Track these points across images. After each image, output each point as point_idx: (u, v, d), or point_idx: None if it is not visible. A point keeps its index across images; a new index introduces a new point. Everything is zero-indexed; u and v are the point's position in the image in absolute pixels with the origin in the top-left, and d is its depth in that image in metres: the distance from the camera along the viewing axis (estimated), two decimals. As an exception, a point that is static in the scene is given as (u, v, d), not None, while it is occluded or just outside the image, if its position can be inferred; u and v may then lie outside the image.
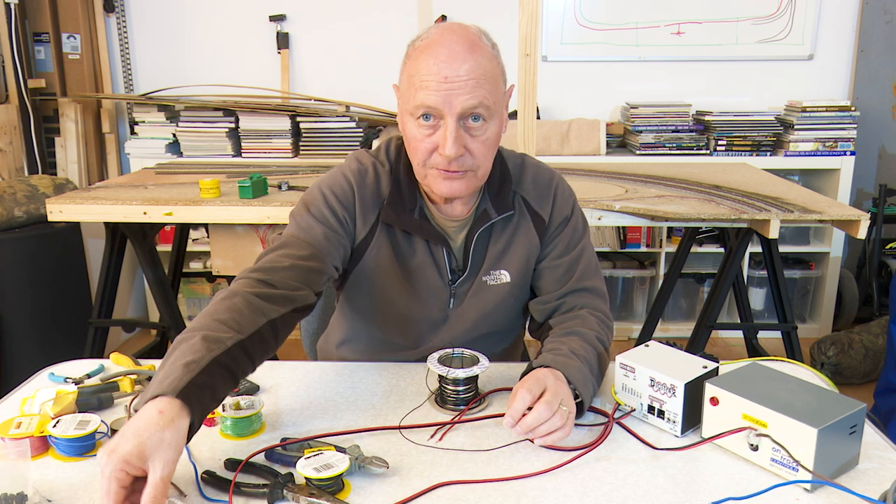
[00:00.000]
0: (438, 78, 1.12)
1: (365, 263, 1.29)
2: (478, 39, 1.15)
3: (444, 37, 1.14)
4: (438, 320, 1.33)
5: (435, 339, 1.34)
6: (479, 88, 1.13)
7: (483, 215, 1.28)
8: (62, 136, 3.47)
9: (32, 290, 2.78)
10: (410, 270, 1.29)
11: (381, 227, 1.27)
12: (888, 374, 2.47)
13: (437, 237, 1.27)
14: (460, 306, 1.32)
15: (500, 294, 1.32)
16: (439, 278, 1.30)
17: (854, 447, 0.97)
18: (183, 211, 2.16)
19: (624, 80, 3.61)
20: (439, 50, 1.13)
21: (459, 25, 1.17)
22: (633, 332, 3.58)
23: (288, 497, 0.91)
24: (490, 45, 1.17)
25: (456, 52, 1.12)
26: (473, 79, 1.12)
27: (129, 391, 1.20)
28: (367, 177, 1.27)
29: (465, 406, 1.14)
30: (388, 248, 1.28)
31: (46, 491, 0.93)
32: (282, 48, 3.58)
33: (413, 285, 1.30)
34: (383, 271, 1.29)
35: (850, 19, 3.51)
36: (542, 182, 1.34)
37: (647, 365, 1.09)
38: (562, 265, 1.32)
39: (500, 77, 1.18)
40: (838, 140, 3.34)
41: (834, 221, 2.11)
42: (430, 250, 1.28)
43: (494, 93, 1.15)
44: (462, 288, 1.31)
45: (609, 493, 0.93)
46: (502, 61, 1.20)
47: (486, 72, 1.13)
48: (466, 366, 1.15)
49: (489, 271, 1.31)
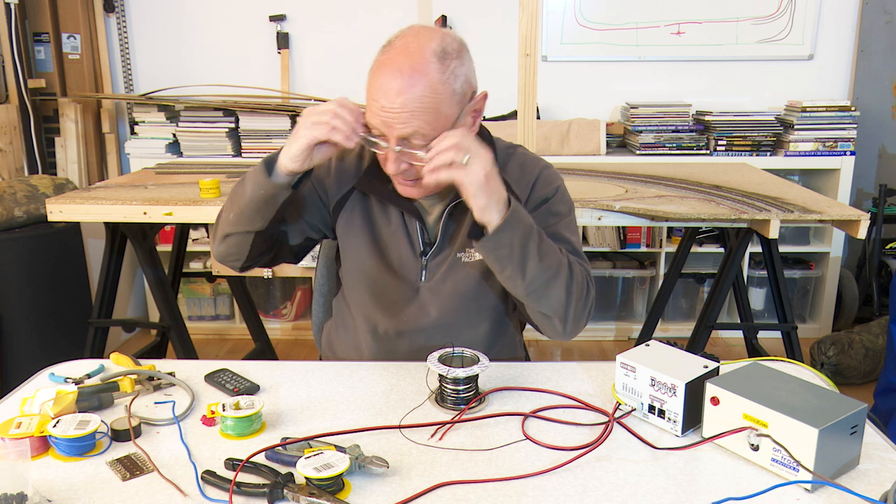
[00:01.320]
0: (378, 105, 1.16)
1: (339, 225, 1.38)
2: (424, 66, 1.14)
3: (392, 61, 1.16)
4: (410, 292, 1.36)
5: (409, 311, 1.36)
6: (414, 120, 1.15)
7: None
8: (62, 136, 3.47)
9: (32, 290, 2.78)
10: (384, 239, 1.36)
11: (355, 193, 1.36)
12: (888, 374, 2.47)
13: (410, 209, 1.33)
14: (432, 280, 1.35)
15: (475, 271, 1.34)
16: (411, 250, 1.35)
17: (855, 447, 0.97)
18: (183, 211, 2.16)
19: (624, 80, 3.61)
20: (384, 76, 1.15)
21: (416, 42, 1.16)
22: (633, 332, 3.58)
23: (288, 497, 0.91)
24: (440, 67, 1.15)
25: (395, 81, 1.14)
26: (408, 111, 1.14)
27: (129, 391, 1.20)
28: (352, 153, 1.38)
29: (466, 405, 1.14)
30: (359, 213, 1.36)
31: (46, 491, 0.93)
32: (282, 48, 3.58)
33: (385, 254, 1.36)
34: (353, 233, 1.37)
35: (850, 19, 3.51)
36: (528, 167, 1.37)
37: (647, 364, 1.09)
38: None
39: (444, 103, 1.16)
40: (838, 140, 3.34)
41: (834, 221, 2.11)
42: (403, 222, 1.35)
43: (434, 121, 1.16)
44: (434, 262, 1.35)
45: (609, 493, 0.93)
46: (462, 76, 1.18)
47: (423, 103, 1.14)
48: (466, 365, 1.15)
49: (464, 248, 1.34)
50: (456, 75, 1.18)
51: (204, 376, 1.26)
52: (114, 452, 1.03)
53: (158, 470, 0.98)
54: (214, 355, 3.39)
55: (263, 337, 2.97)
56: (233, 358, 1.25)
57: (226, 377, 1.25)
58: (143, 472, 0.98)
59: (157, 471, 0.98)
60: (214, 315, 3.74)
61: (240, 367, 1.30)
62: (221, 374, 1.26)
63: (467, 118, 1.23)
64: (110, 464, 1.00)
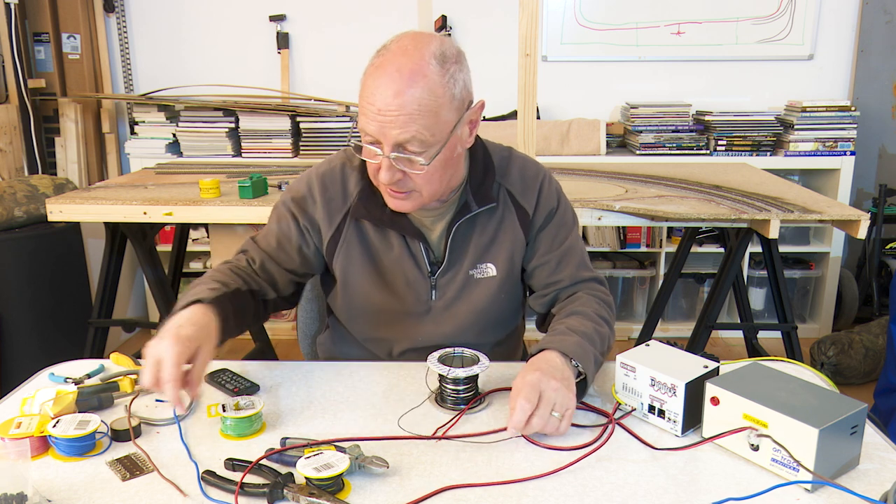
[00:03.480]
0: (374, 108, 1.11)
1: (336, 262, 1.33)
2: (423, 67, 1.10)
3: (389, 62, 1.11)
4: (420, 313, 1.34)
5: (421, 332, 1.34)
6: (412, 123, 1.10)
7: (464, 207, 1.29)
8: (62, 136, 3.47)
9: (32, 290, 2.78)
10: (386, 265, 1.32)
11: (349, 224, 1.31)
12: (888, 374, 2.47)
13: (411, 231, 1.29)
14: (443, 298, 1.33)
15: (489, 288, 1.33)
16: (418, 271, 1.31)
17: (855, 447, 0.97)
18: (183, 211, 2.16)
19: (624, 80, 3.61)
20: (380, 78, 1.11)
21: (413, 44, 1.12)
22: (633, 332, 3.58)
23: (288, 497, 0.91)
24: (440, 69, 1.11)
25: (393, 83, 1.09)
26: (406, 114, 1.10)
27: (129, 391, 1.20)
28: (334, 177, 1.31)
29: (466, 405, 1.14)
30: (357, 245, 1.31)
31: (46, 491, 0.93)
32: (282, 48, 3.58)
33: (389, 280, 1.32)
34: (354, 268, 1.32)
35: (850, 19, 3.51)
36: (529, 175, 1.34)
37: (647, 364, 1.09)
38: (552, 260, 1.34)
39: (444, 107, 1.13)
40: (838, 140, 3.34)
41: (834, 221, 2.11)
42: (406, 244, 1.30)
43: (433, 126, 1.12)
44: (443, 280, 1.32)
45: (609, 493, 0.93)
46: (461, 81, 1.15)
47: (421, 106, 1.10)
48: (467, 365, 1.15)
49: (476, 265, 1.32)
50: (455, 80, 1.14)
51: (204, 376, 1.26)
52: (114, 452, 1.03)
53: (158, 470, 0.98)
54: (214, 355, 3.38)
55: (263, 337, 2.97)
56: (233, 358, 1.25)
57: (226, 377, 1.25)
58: (143, 472, 0.98)
59: (157, 471, 0.98)
60: (214, 315, 3.72)
61: (240, 367, 1.30)
62: (221, 374, 1.26)
63: (464, 128, 1.20)
64: (110, 464, 1.00)
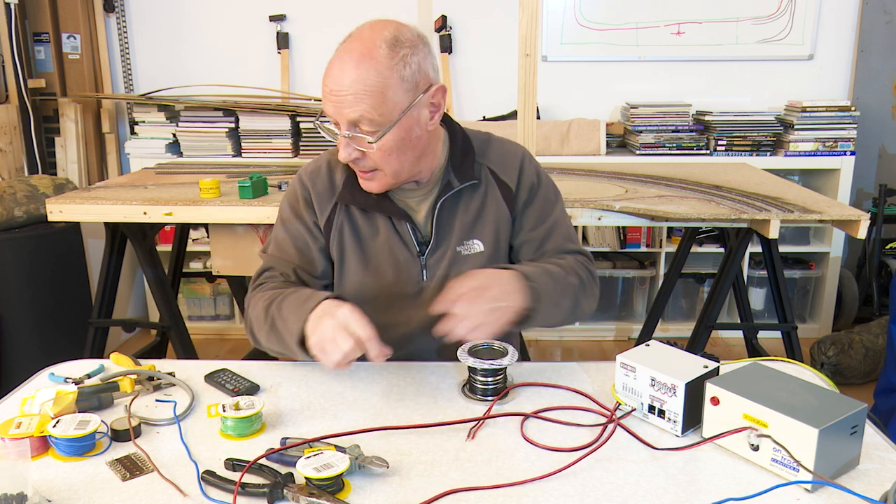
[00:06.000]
0: (328, 89, 1.20)
1: (332, 251, 1.38)
2: (372, 50, 1.17)
3: (345, 47, 1.20)
4: (413, 294, 1.36)
5: (416, 312, 1.35)
6: (360, 103, 1.17)
7: (447, 186, 1.33)
8: (62, 136, 3.47)
9: (32, 290, 2.78)
10: (376, 249, 1.35)
11: (338, 211, 1.36)
12: (888, 374, 2.47)
13: (397, 213, 1.33)
14: (434, 278, 1.36)
15: (478, 264, 1.35)
16: (407, 252, 1.35)
17: (855, 448, 0.97)
18: (183, 211, 2.16)
19: (624, 80, 3.61)
20: (335, 62, 1.20)
21: (369, 30, 1.20)
22: (633, 332, 3.58)
23: (288, 497, 0.91)
24: (388, 52, 1.17)
25: (343, 64, 1.18)
26: (353, 93, 1.17)
27: (129, 391, 1.20)
28: (321, 172, 1.38)
29: (496, 397, 1.16)
30: (348, 231, 1.35)
31: (46, 491, 0.93)
32: (282, 48, 3.58)
33: (380, 263, 1.36)
34: (346, 255, 1.36)
35: (850, 19, 3.51)
36: (509, 153, 1.40)
37: (647, 364, 1.09)
38: (537, 237, 1.38)
39: (391, 88, 1.17)
40: (838, 140, 3.34)
41: (834, 221, 2.11)
42: (393, 226, 1.35)
43: (380, 105, 1.17)
44: (432, 259, 1.36)
45: (609, 493, 0.93)
46: (414, 64, 1.20)
47: (368, 86, 1.16)
48: (495, 357, 1.17)
49: (462, 241, 1.35)
50: (406, 62, 1.19)
51: (204, 376, 1.26)
52: (114, 452, 1.03)
53: (158, 470, 0.98)
54: (214, 355, 3.38)
55: (263, 337, 2.97)
56: (233, 358, 1.25)
57: (226, 377, 1.25)
58: (143, 472, 0.98)
59: (157, 471, 0.98)
60: (214, 315, 3.74)
61: (240, 367, 1.30)
62: (221, 374, 1.26)
63: (423, 110, 1.24)
64: (110, 464, 1.00)
